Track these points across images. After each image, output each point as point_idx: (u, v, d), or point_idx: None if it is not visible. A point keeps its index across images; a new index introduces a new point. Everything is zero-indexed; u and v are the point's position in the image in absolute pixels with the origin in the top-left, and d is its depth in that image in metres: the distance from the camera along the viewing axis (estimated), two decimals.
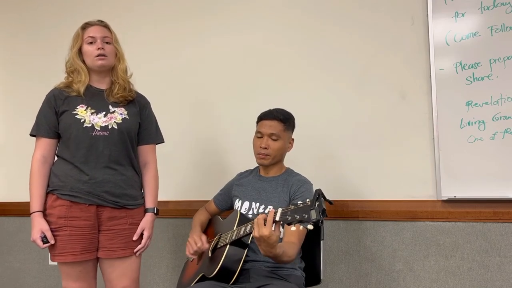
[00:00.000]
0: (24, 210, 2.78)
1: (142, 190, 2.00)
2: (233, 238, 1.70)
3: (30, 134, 1.91)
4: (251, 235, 1.58)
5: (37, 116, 1.91)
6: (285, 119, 1.93)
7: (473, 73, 2.05)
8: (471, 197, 2.05)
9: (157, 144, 2.05)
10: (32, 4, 3.03)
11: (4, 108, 3.09)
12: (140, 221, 1.93)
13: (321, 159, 2.33)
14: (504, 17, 2.00)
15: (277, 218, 1.47)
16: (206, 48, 2.58)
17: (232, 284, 1.71)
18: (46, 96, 1.91)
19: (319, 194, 1.40)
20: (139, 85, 2.05)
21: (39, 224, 1.80)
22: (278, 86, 2.42)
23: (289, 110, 1.98)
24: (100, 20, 1.94)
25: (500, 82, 2.00)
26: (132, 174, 1.94)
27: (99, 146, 1.85)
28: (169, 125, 2.28)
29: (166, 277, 2.63)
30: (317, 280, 1.94)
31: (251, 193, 1.95)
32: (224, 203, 2.10)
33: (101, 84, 1.95)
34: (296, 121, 1.99)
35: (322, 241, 1.97)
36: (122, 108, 1.93)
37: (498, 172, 2.00)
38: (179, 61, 2.65)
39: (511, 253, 2.01)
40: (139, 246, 1.91)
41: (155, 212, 1.97)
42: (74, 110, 1.86)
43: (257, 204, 1.91)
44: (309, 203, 1.42)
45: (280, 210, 1.49)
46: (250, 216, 1.88)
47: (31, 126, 1.91)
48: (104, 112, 1.89)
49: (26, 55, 3.02)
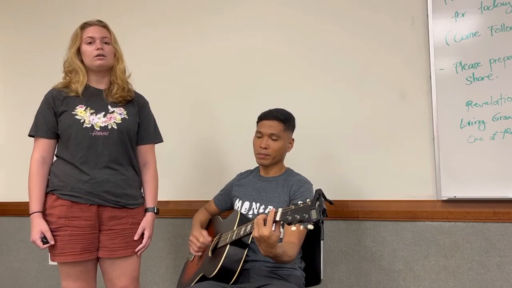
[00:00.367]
0: (24, 210, 2.77)
1: (142, 189, 2.00)
2: (233, 238, 1.70)
3: (29, 135, 1.90)
4: (251, 235, 1.58)
5: (35, 117, 1.90)
6: (285, 119, 1.92)
7: (473, 73, 2.05)
8: (471, 197, 2.05)
9: (156, 143, 2.05)
10: (32, 3, 3.03)
11: (4, 108, 3.09)
12: (140, 220, 1.93)
13: (321, 159, 2.33)
14: (504, 17, 2.00)
15: (278, 218, 1.47)
16: (206, 48, 2.58)
17: (232, 284, 1.71)
18: (45, 96, 1.91)
19: (320, 194, 1.40)
20: (139, 85, 2.05)
21: (39, 224, 1.80)
22: (278, 86, 2.42)
23: (289, 110, 1.98)
24: (99, 20, 1.93)
25: (500, 82, 2.00)
26: (132, 174, 1.94)
27: (99, 146, 1.84)
28: (169, 125, 2.28)
29: (166, 277, 2.63)
30: (317, 280, 1.94)
31: (251, 193, 1.95)
32: (224, 203, 2.10)
33: (100, 84, 1.94)
34: (296, 121, 1.99)
35: (322, 241, 1.97)
36: (121, 108, 1.92)
37: (498, 172, 2.00)
38: (179, 61, 2.65)
39: (511, 253, 2.01)
40: (140, 246, 1.91)
41: (155, 211, 1.97)
42: (74, 111, 1.86)
43: (257, 204, 1.91)
44: (310, 203, 1.42)
45: (280, 210, 1.49)
46: (250, 216, 1.88)
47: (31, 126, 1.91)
48: (103, 112, 1.88)
49: (26, 55, 3.02)
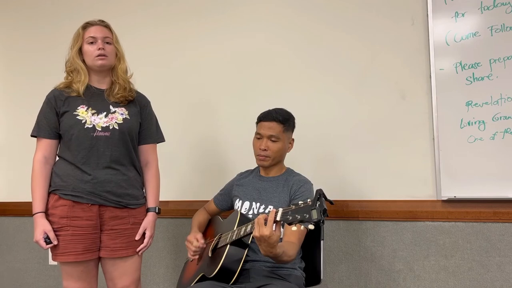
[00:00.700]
0: (24, 210, 2.78)
1: (143, 189, 2.00)
2: (234, 238, 1.70)
3: (31, 135, 1.91)
4: (252, 235, 1.58)
5: (37, 117, 1.91)
6: (284, 120, 1.91)
7: (473, 73, 2.05)
8: (471, 197, 2.05)
9: (158, 143, 2.05)
10: (32, 3, 3.03)
11: (4, 108, 3.09)
12: (142, 220, 1.93)
13: (321, 159, 2.33)
14: (504, 17, 2.00)
15: (278, 218, 1.47)
16: (207, 49, 2.58)
17: (232, 284, 1.71)
18: (46, 97, 1.91)
19: (320, 194, 1.40)
20: (139, 85, 2.05)
21: (42, 225, 1.80)
22: (278, 86, 2.42)
23: (289, 110, 1.97)
24: (101, 20, 1.93)
25: (500, 82, 2.00)
26: (134, 174, 1.94)
27: (100, 146, 1.84)
28: (169, 125, 2.28)
29: (166, 277, 2.63)
30: (317, 280, 1.94)
31: (252, 193, 1.95)
32: (224, 203, 2.10)
33: (101, 84, 1.94)
34: (297, 122, 1.99)
35: (322, 241, 1.97)
36: (123, 108, 1.92)
37: (498, 172, 2.00)
38: (180, 62, 2.65)
39: (511, 253, 2.01)
40: (141, 246, 1.91)
41: (156, 211, 1.97)
42: (75, 111, 1.86)
43: (258, 204, 1.90)
44: (310, 203, 1.42)
45: (281, 210, 1.49)
46: (250, 216, 1.88)
47: (31, 126, 1.91)
48: (105, 113, 1.88)
49: (26, 54, 3.02)
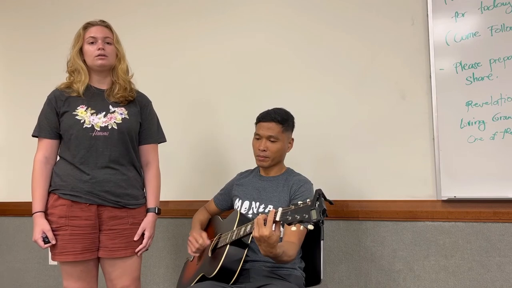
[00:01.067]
0: (24, 210, 2.77)
1: (144, 189, 1.99)
2: (233, 238, 1.70)
3: (32, 135, 1.91)
4: (251, 235, 1.58)
5: (38, 117, 1.91)
6: (283, 120, 1.90)
7: (473, 73, 2.05)
8: (471, 197, 2.05)
9: (159, 143, 2.05)
10: (32, 3, 3.03)
11: (4, 108, 3.09)
12: (141, 221, 1.92)
13: (321, 159, 2.33)
14: (504, 17, 2.00)
15: (278, 218, 1.47)
16: (207, 49, 2.58)
17: (232, 284, 1.71)
18: (47, 97, 1.92)
19: (320, 194, 1.40)
20: (139, 85, 2.05)
21: (41, 224, 1.80)
22: (279, 86, 2.42)
23: (289, 110, 1.97)
24: (102, 20, 1.94)
25: (500, 82, 2.00)
26: (134, 174, 1.93)
27: (99, 146, 1.84)
28: (169, 125, 2.27)
29: (166, 277, 2.63)
30: (317, 280, 1.94)
31: (251, 193, 1.95)
32: (224, 203, 2.10)
33: (101, 84, 1.95)
34: (297, 122, 1.99)
35: (322, 241, 1.97)
36: (123, 108, 1.92)
37: (498, 172, 2.00)
38: (180, 62, 2.65)
39: (511, 253, 2.01)
40: (140, 246, 1.91)
41: (156, 212, 1.97)
42: (75, 111, 1.86)
43: (257, 203, 1.90)
44: (310, 203, 1.42)
45: (280, 210, 1.49)
46: (250, 215, 1.88)
47: (32, 126, 1.91)
48: (104, 113, 1.88)
49: (26, 54, 3.02)
